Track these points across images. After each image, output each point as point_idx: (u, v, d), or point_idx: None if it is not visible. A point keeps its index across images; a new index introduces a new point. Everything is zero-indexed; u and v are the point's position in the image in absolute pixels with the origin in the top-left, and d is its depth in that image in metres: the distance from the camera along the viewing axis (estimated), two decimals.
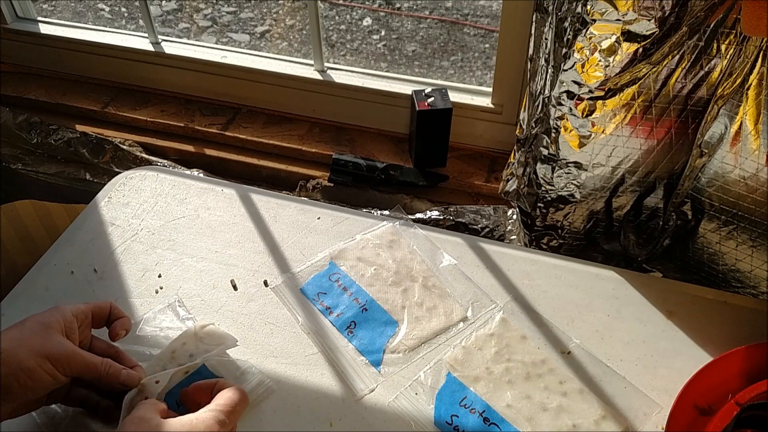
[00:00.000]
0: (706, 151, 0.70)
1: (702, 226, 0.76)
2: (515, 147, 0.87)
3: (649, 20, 0.62)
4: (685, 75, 0.67)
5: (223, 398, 0.55)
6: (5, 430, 0.60)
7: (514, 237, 0.95)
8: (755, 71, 0.63)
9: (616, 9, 0.63)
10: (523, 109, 0.84)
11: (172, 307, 0.71)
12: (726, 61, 0.65)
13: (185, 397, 0.59)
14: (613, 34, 0.64)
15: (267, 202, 0.84)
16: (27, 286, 0.73)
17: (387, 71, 1.14)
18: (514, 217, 0.96)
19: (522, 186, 0.85)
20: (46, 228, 1.20)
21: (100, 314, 0.61)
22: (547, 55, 0.74)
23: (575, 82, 0.69)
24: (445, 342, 0.69)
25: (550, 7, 0.71)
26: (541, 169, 0.79)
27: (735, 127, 0.67)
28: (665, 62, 0.66)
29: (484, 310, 0.72)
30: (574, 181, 0.77)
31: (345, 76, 1.06)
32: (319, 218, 0.82)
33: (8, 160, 1.16)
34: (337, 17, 1.97)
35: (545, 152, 0.77)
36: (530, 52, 0.80)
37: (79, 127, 1.13)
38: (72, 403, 0.60)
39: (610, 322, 0.71)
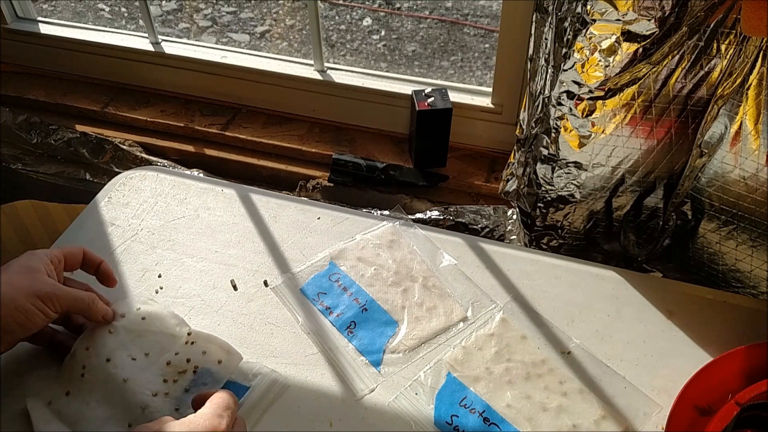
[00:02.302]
0: (706, 151, 0.70)
1: (702, 226, 0.76)
2: (515, 147, 0.87)
3: (649, 20, 0.62)
4: (685, 75, 0.67)
5: (217, 398, 0.56)
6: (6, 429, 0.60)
7: (514, 237, 0.95)
8: (755, 71, 0.63)
9: (616, 9, 0.63)
10: (523, 109, 0.84)
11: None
12: (726, 61, 0.65)
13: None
14: (613, 34, 0.64)
15: (267, 202, 0.84)
16: None
17: (387, 71, 1.14)
18: (514, 217, 0.96)
19: (522, 186, 0.85)
20: (46, 228, 1.20)
21: (73, 259, 0.65)
22: (547, 55, 0.74)
23: (575, 82, 0.69)
24: (445, 342, 0.69)
25: (550, 7, 0.71)
26: (541, 169, 0.79)
27: (735, 127, 0.67)
28: (665, 62, 0.66)
29: (484, 310, 0.72)
30: (574, 181, 0.77)
31: (345, 76, 1.06)
32: (319, 218, 0.82)
33: (8, 160, 1.16)
34: (337, 17, 1.97)
35: (545, 152, 0.77)
36: (530, 52, 0.80)
37: (79, 127, 1.13)
38: (39, 342, 0.64)
39: (610, 322, 0.71)
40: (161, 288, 0.73)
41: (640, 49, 0.64)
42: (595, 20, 0.64)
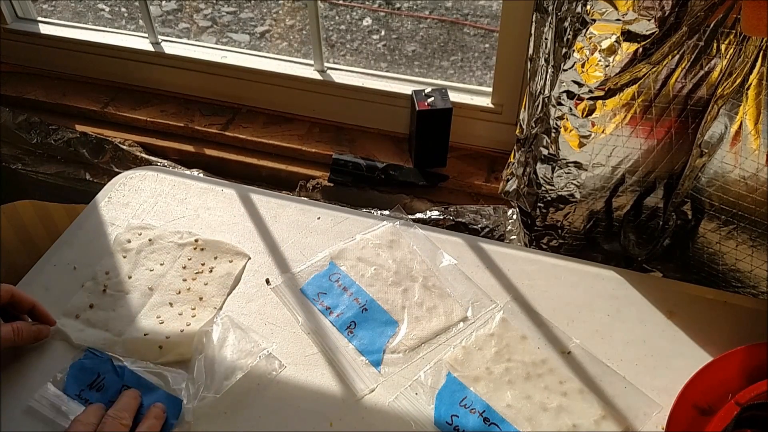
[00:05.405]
0: (706, 151, 0.70)
1: (702, 226, 0.76)
2: (515, 147, 0.87)
3: (649, 20, 0.62)
4: (685, 75, 0.67)
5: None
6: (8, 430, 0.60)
7: (514, 237, 0.95)
8: (755, 71, 0.63)
9: (616, 9, 0.63)
10: (523, 109, 0.84)
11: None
12: (726, 61, 0.65)
13: None
14: (613, 34, 0.64)
15: (267, 202, 0.84)
16: (27, 286, 0.73)
17: (387, 71, 1.14)
18: (514, 217, 0.96)
19: (522, 186, 0.85)
20: (46, 228, 1.20)
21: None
22: (547, 55, 0.74)
23: (575, 82, 0.69)
24: (445, 342, 0.69)
25: (550, 7, 0.71)
26: (541, 169, 0.79)
27: (735, 127, 0.67)
28: (665, 62, 0.66)
29: (484, 310, 0.72)
30: (574, 181, 0.77)
31: (345, 76, 1.06)
32: (319, 218, 0.82)
33: (8, 160, 1.16)
34: (337, 17, 1.97)
35: (545, 152, 0.77)
36: (530, 52, 0.80)
37: (79, 127, 1.13)
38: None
39: (610, 322, 0.71)
40: None
41: (640, 49, 0.64)
42: (595, 20, 0.64)
